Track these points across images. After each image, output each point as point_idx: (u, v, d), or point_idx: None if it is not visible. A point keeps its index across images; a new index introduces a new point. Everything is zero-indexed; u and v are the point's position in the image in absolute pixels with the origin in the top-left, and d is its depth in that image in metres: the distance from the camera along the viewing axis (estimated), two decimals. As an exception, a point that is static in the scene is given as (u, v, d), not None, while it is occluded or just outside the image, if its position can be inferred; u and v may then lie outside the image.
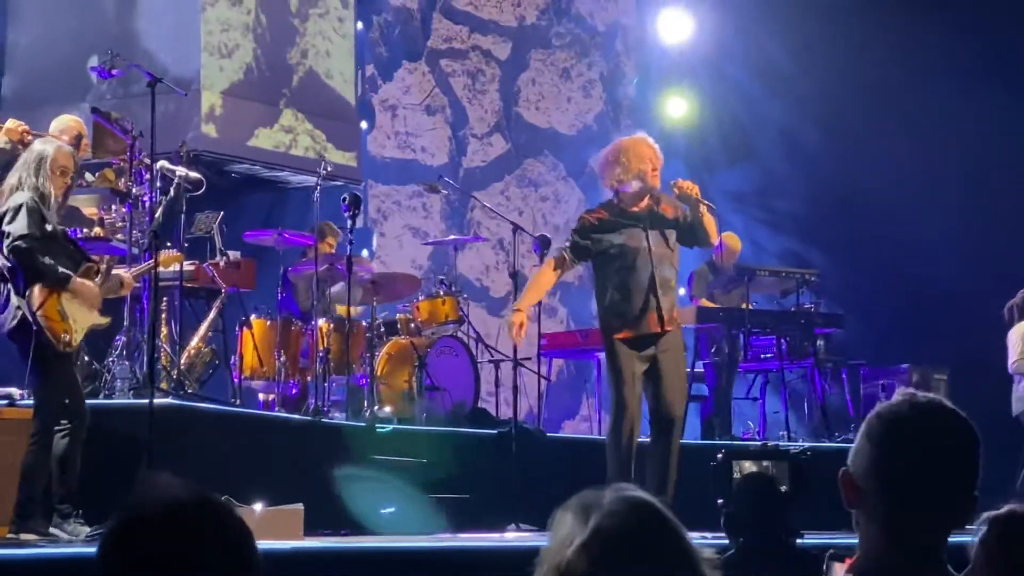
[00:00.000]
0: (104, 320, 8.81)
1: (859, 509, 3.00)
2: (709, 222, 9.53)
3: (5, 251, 8.27)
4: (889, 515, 2.95)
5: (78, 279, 8.40)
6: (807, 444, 11.50)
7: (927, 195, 16.32)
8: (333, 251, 12.69)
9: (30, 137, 10.01)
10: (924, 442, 2.96)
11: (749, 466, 6.95)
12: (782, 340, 13.80)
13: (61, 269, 8.32)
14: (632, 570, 2.36)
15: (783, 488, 6.53)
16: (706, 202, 9.57)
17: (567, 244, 9.72)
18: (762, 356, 14.12)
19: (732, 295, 14.03)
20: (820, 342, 14.05)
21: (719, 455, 7.16)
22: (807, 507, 6.50)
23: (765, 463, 6.71)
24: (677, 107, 19.24)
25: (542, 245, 12.00)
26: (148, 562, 2.37)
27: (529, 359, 12.30)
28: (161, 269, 9.50)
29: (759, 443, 8.35)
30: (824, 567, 4.09)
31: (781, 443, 10.13)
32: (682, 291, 17.46)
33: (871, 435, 3.00)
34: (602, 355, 13.68)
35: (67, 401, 8.37)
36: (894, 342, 15.26)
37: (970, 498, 2.99)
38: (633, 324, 9.41)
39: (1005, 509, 3.38)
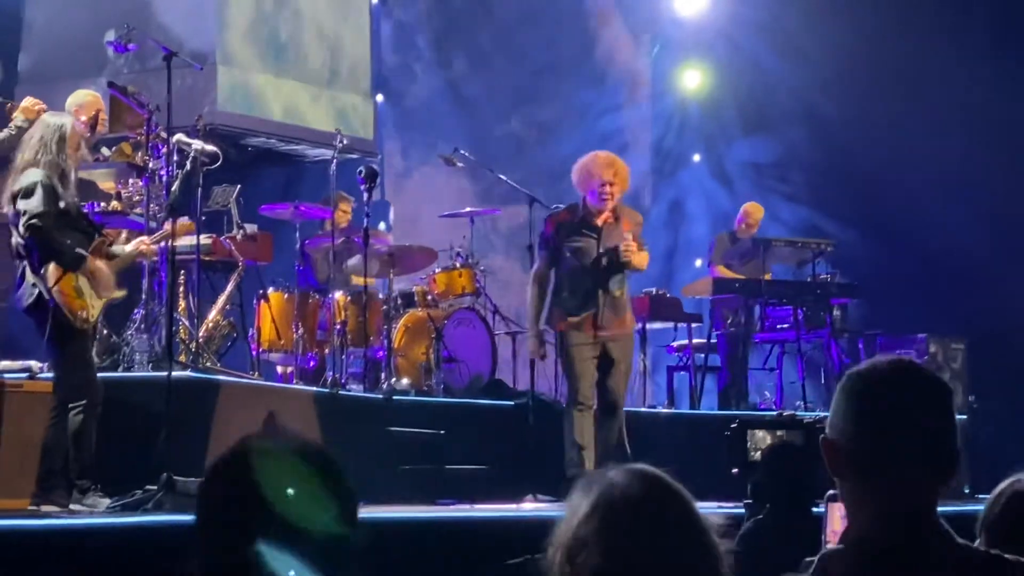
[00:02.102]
0: (120, 292, 8.84)
1: (842, 475, 2.94)
2: (639, 264, 10.28)
3: (21, 229, 8.29)
4: (872, 474, 2.90)
5: (92, 260, 8.40)
6: (823, 414, 11.51)
7: (944, 164, 16.28)
8: (349, 219, 12.72)
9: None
10: (901, 396, 2.92)
11: (763, 436, 6.98)
12: (798, 310, 13.80)
13: (77, 250, 8.33)
14: (639, 538, 2.38)
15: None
16: (634, 266, 10.24)
17: (542, 255, 10.41)
18: (778, 326, 14.11)
19: (749, 266, 14.04)
20: (836, 312, 14.04)
21: (732, 425, 7.20)
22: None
23: (780, 432, 6.74)
24: (692, 79, 19.22)
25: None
26: (252, 487, 2.43)
27: (546, 330, 12.32)
28: (178, 243, 9.51)
29: (774, 412, 8.37)
30: (826, 506, 4.13)
31: (797, 412, 10.14)
32: (698, 262, 17.55)
33: (846, 394, 2.95)
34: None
35: (82, 377, 8.40)
36: (911, 312, 15.22)
37: (953, 451, 2.94)
38: (578, 332, 10.16)
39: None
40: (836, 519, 3.96)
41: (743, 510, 6.59)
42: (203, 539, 2.50)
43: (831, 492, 3.81)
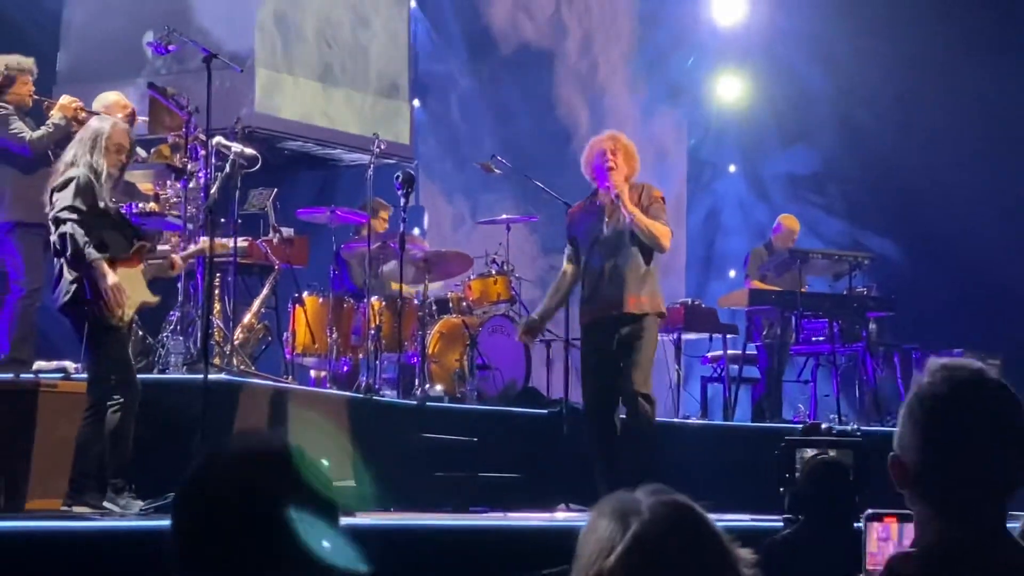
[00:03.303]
0: (154, 299, 8.84)
1: (910, 491, 2.97)
2: (643, 225, 9.58)
3: (50, 222, 8.32)
4: (941, 495, 2.92)
5: (106, 265, 8.35)
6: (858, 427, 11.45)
7: (982, 178, 16.22)
8: (387, 226, 12.72)
9: (83, 114, 10.06)
10: (967, 419, 2.92)
11: (811, 453, 6.92)
12: (834, 323, 13.74)
13: (90, 251, 8.26)
14: (673, 575, 2.35)
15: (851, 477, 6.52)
16: (630, 207, 9.59)
17: (565, 252, 10.09)
18: (814, 339, 14.05)
19: (785, 278, 13.99)
20: (872, 325, 13.99)
21: (783, 443, 7.13)
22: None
23: (832, 452, 6.69)
24: (729, 89, 19.17)
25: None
26: (227, 500, 2.42)
27: (580, 339, 12.29)
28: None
29: (827, 426, 8.29)
30: (863, 526, 4.10)
31: (835, 427, 10.09)
32: (732, 273, 17.52)
33: (914, 419, 2.96)
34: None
35: (119, 376, 8.40)
36: (947, 326, 15.17)
37: (1021, 465, 2.95)
38: (586, 311, 9.78)
39: None
40: (874, 540, 3.95)
41: (780, 524, 6.56)
42: (179, 555, 2.48)
43: (870, 511, 3.79)
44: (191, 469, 2.52)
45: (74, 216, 8.23)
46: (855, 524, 6.21)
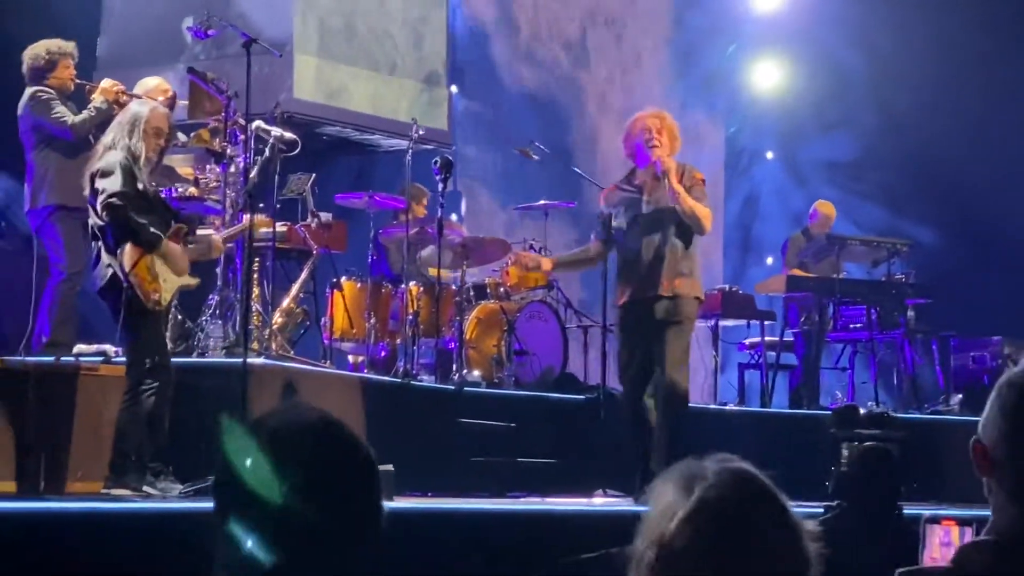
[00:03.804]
0: (193, 281, 8.88)
1: (991, 478, 2.91)
2: (687, 204, 9.42)
3: (99, 208, 8.34)
4: (1020, 481, 2.87)
5: (167, 242, 8.45)
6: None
7: (1022, 164, 16.14)
8: (425, 212, 12.73)
9: (125, 97, 10.11)
10: None
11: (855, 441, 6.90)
12: (872, 310, 13.71)
13: (152, 230, 8.37)
14: (735, 543, 2.35)
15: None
16: (676, 184, 9.41)
17: (595, 230, 10.00)
18: (851, 326, 14.02)
19: (823, 264, 13.96)
20: (911, 312, 13.95)
21: (832, 430, 7.11)
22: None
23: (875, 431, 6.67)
24: (768, 75, 19.13)
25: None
26: (272, 468, 2.44)
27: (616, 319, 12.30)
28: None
29: (865, 411, 8.28)
30: (921, 530, 4.08)
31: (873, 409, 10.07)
32: (770, 260, 17.48)
33: (1002, 404, 2.90)
34: (696, 322, 13.80)
35: (154, 360, 8.43)
36: (986, 314, 15.11)
37: None
38: (622, 291, 9.64)
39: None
40: (935, 545, 3.91)
41: (820, 510, 6.55)
42: (220, 526, 2.50)
43: (929, 514, 3.77)
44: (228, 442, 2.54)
45: (125, 201, 8.27)
46: (901, 513, 6.21)
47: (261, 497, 2.44)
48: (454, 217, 15.58)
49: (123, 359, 8.84)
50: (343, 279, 11.91)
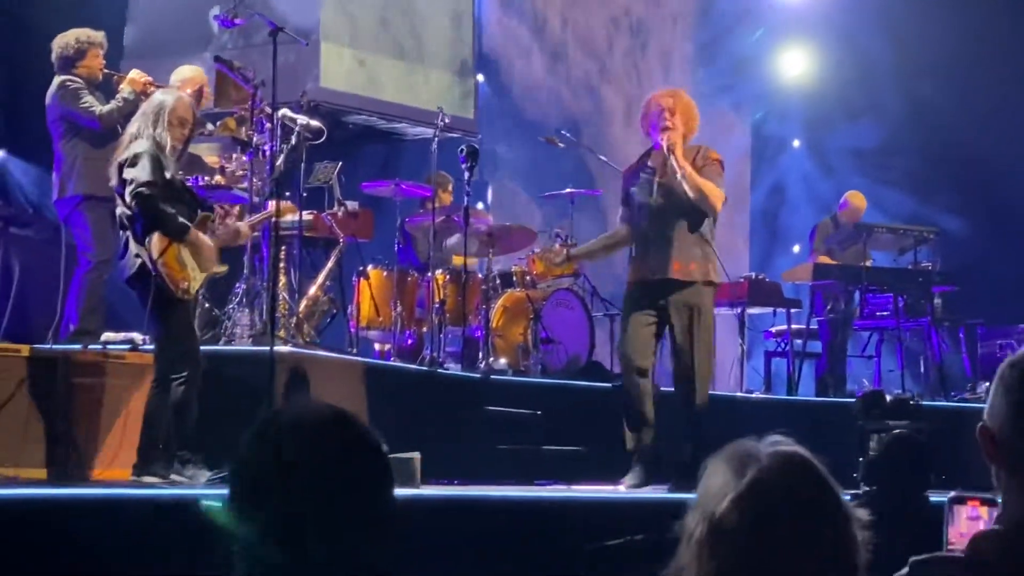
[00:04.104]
0: (221, 269, 8.91)
1: (999, 463, 2.88)
2: (692, 181, 9.24)
3: (127, 198, 8.37)
4: None
5: (195, 231, 8.49)
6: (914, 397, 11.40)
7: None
8: (451, 200, 12.75)
9: (152, 88, 10.12)
10: None
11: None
12: (899, 298, 13.69)
13: (180, 219, 8.41)
14: (785, 525, 2.37)
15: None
16: (680, 161, 9.24)
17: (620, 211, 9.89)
18: (878, 314, 14.00)
19: (850, 252, 13.95)
20: (937, 300, 13.92)
21: (859, 422, 7.10)
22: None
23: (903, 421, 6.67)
24: (794, 62, 19.09)
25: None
26: (282, 467, 2.46)
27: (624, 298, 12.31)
28: (280, 218, 9.57)
29: (904, 396, 8.27)
30: (946, 509, 4.07)
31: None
32: (796, 248, 17.46)
33: (1006, 386, 2.86)
34: (716, 309, 13.77)
35: (183, 348, 8.47)
36: (1013, 302, 15.08)
37: None
38: (632, 270, 9.57)
39: None
40: (963, 521, 3.89)
41: (847, 498, 6.55)
42: (236, 520, 2.52)
43: (953, 495, 3.75)
44: (244, 438, 2.57)
45: (153, 191, 8.30)
46: (928, 501, 6.20)
47: (273, 491, 2.47)
48: (480, 206, 15.59)
49: (151, 347, 8.88)
50: (370, 267, 11.93)
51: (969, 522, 3.01)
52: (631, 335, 9.44)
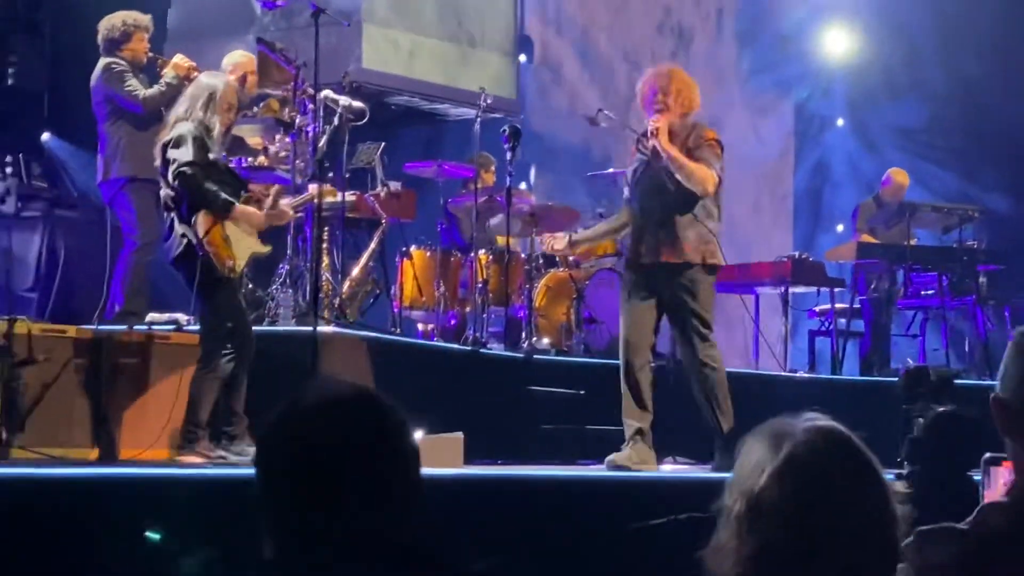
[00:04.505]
0: (265, 248, 8.95)
1: (1012, 434, 2.82)
2: (678, 163, 8.96)
3: (171, 178, 8.42)
4: None
5: (239, 208, 8.54)
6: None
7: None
8: (494, 181, 12.76)
9: (196, 73, 10.16)
10: None
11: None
12: (943, 277, 13.63)
13: (224, 195, 8.46)
14: (823, 500, 2.37)
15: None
16: (663, 143, 8.95)
17: None
18: (922, 292, 13.97)
19: (893, 231, 13.90)
20: (982, 279, 13.85)
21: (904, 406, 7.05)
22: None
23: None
24: (838, 41, 19.00)
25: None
26: (309, 447, 2.48)
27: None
28: (323, 199, 9.61)
29: (949, 371, 8.23)
30: (982, 472, 4.06)
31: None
32: (840, 227, 17.40)
33: (1018, 353, 2.83)
34: (759, 289, 13.74)
35: (232, 325, 8.54)
36: (1059, 280, 15.00)
37: None
38: (628, 252, 9.46)
39: None
40: (1000, 484, 3.86)
41: (890, 476, 6.54)
42: (265, 501, 2.54)
43: (988, 455, 3.75)
44: (272, 417, 2.58)
45: (196, 170, 8.35)
46: (971, 480, 6.16)
47: (298, 470, 2.49)
48: (523, 186, 15.58)
49: (195, 328, 8.93)
50: (413, 248, 11.94)
51: (1005, 486, 2.95)
52: (628, 321, 9.31)
